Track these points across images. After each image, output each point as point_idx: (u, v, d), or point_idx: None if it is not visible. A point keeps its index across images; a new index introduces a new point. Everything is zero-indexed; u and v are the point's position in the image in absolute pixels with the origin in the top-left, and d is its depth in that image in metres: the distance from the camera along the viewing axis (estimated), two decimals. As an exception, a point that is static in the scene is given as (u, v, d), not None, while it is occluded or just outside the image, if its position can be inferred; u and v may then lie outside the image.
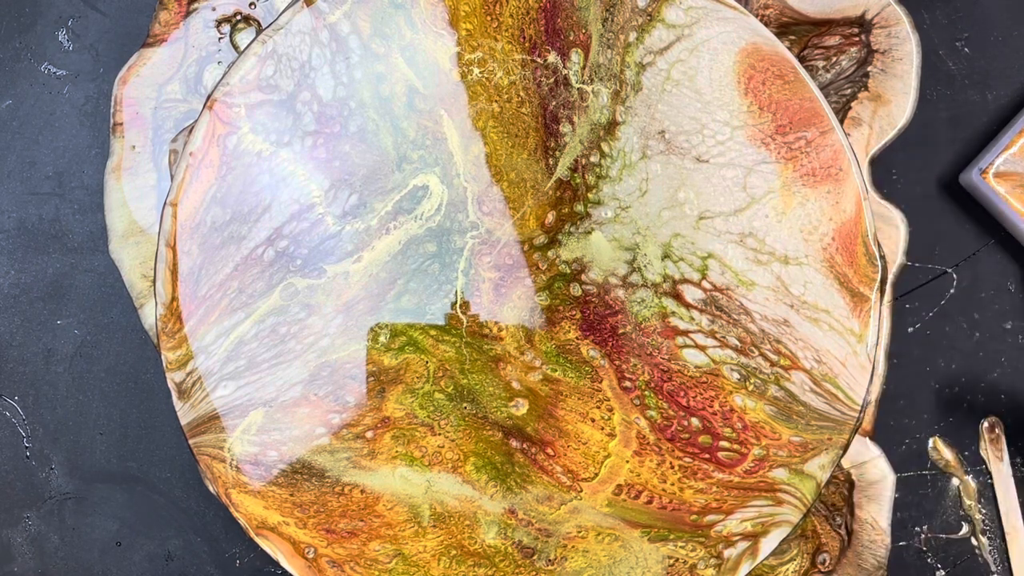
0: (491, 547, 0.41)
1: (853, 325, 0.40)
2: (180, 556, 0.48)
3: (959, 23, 0.47)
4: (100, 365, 0.48)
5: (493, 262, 0.41)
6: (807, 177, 0.40)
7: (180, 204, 0.40)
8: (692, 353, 0.41)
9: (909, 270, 0.47)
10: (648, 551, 0.40)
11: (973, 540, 0.46)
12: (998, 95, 0.47)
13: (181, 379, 0.40)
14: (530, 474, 0.41)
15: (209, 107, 0.40)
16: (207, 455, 0.40)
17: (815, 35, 0.44)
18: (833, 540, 0.44)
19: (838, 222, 0.40)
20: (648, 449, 0.41)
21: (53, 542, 0.48)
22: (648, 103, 0.40)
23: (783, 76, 0.39)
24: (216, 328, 0.40)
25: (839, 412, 0.40)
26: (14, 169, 0.48)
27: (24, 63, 0.48)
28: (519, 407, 0.41)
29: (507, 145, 0.41)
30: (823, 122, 0.39)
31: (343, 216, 0.40)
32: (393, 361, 0.41)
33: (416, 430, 0.41)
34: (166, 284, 0.40)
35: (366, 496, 0.41)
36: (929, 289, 0.47)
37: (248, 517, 0.40)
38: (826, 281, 0.40)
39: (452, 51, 0.40)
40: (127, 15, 0.48)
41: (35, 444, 0.48)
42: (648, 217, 0.41)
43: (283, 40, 0.40)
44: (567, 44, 0.40)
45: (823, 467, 0.40)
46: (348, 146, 0.40)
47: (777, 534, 0.40)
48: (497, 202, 0.41)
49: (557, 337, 0.41)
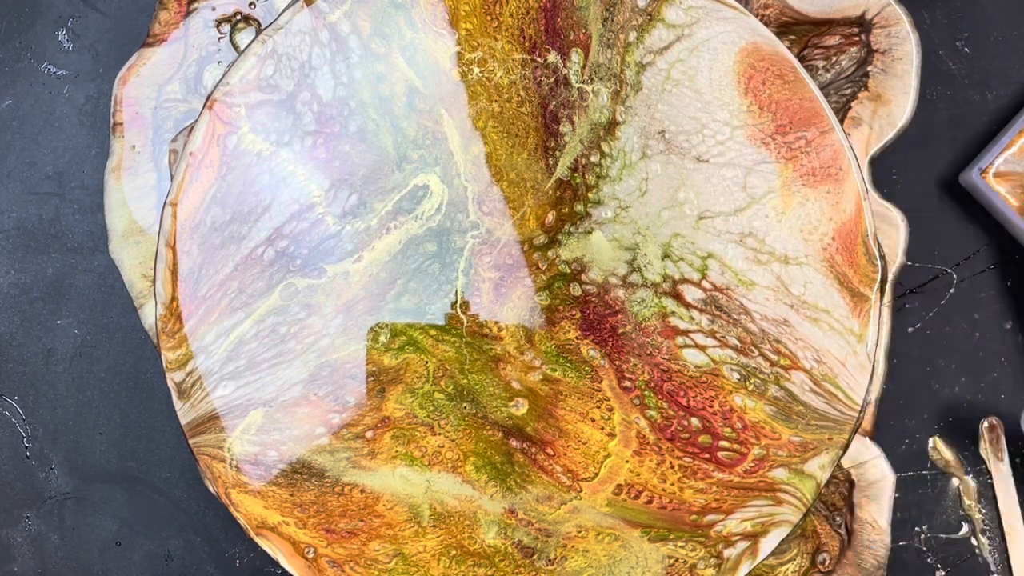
0: (491, 547, 0.41)
1: (853, 325, 0.40)
2: (180, 556, 0.48)
3: (959, 23, 0.47)
4: (100, 365, 0.48)
5: (493, 262, 0.41)
6: (807, 177, 0.40)
7: (180, 204, 0.40)
8: (692, 353, 0.41)
9: (909, 270, 0.47)
10: (648, 551, 0.40)
11: (973, 540, 0.46)
12: (998, 95, 0.47)
13: (181, 379, 0.40)
14: (530, 474, 0.41)
15: (209, 107, 0.40)
16: (207, 455, 0.40)
17: (815, 35, 0.44)
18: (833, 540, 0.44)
19: (838, 222, 0.40)
20: (648, 449, 0.41)
21: (53, 542, 0.48)
22: (648, 103, 0.40)
23: (783, 76, 0.39)
24: (216, 328, 0.40)
25: (839, 412, 0.40)
26: (14, 169, 0.48)
27: (24, 63, 0.48)
28: (519, 407, 0.41)
29: (507, 145, 0.41)
30: (823, 122, 0.39)
31: (343, 216, 0.40)
32: (393, 361, 0.41)
33: (416, 430, 0.41)
34: (166, 284, 0.40)
35: (366, 496, 0.41)
36: (929, 289, 0.47)
37: (248, 517, 0.40)
38: (826, 281, 0.40)
39: (452, 51, 0.40)
40: (127, 15, 0.48)
41: (35, 444, 0.48)
42: (648, 217, 0.41)
43: (283, 40, 0.40)
44: (567, 44, 0.40)
45: (823, 467, 0.40)
46: (348, 146, 0.40)
47: (777, 534, 0.40)
48: (497, 202, 0.41)
49: (557, 337, 0.41)
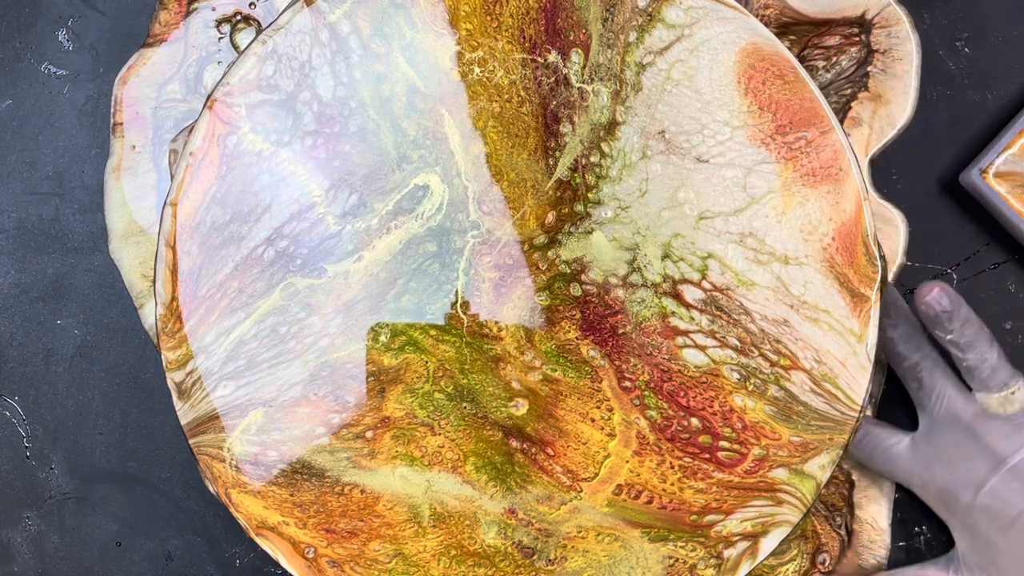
0: (491, 547, 0.41)
1: (853, 325, 0.40)
2: (180, 556, 0.48)
3: (959, 23, 0.47)
4: (100, 365, 0.48)
5: (493, 262, 0.41)
6: (807, 177, 0.40)
7: (180, 204, 0.40)
8: (692, 353, 0.41)
9: (909, 270, 0.47)
10: (648, 551, 0.40)
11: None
12: (998, 95, 0.47)
13: (181, 379, 0.40)
14: (530, 474, 0.41)
15: (209, 107, 0.40)
16: (207, 455, 0.40)
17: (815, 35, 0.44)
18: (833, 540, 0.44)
19: (838, 222, 0.40)
20: (648, 449, 0.41)
21: (53, 542, 0.48)
22: (648, 103, 0.40)
23: (783, 76, 0.39)
24: (216, 328, 0.40)
25: (839, 412, 0.40)
26: (14, 169, 0.48)
27: (24, 63, 0.48)
28: (519, 407, 0.41)
29: (507, 145, 0.41)
30: (823, 122, 0.39)
31: (343, 216, 0.40)
32: (393, 361, 0.41)
33: (416, 430, 0.41)
34: (166, 284, 0.40)
35: (366, 496, 0.41)
36: (929, 289, 0.47)
37: (248, 517, 0.40)
38: (826, 281, 0.40)
39: (453, 51, 0.40)
40: (127, 15, 0.48)
41: (35, 444, 0.48)
42: (648, 217, 0.41)
43: (283, 40, 0.40)
44: (567, 44, 0.40)
45: (823, 467, 0.40)
46: (348, 146, 0.40)
47: (777, 534, 0.40)
48: (497, 202, 0.41)
49: (557, 337, 0.41)
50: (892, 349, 0.42)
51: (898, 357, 0.42)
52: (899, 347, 0.42)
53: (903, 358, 0.42)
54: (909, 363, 0.42)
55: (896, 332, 0.42)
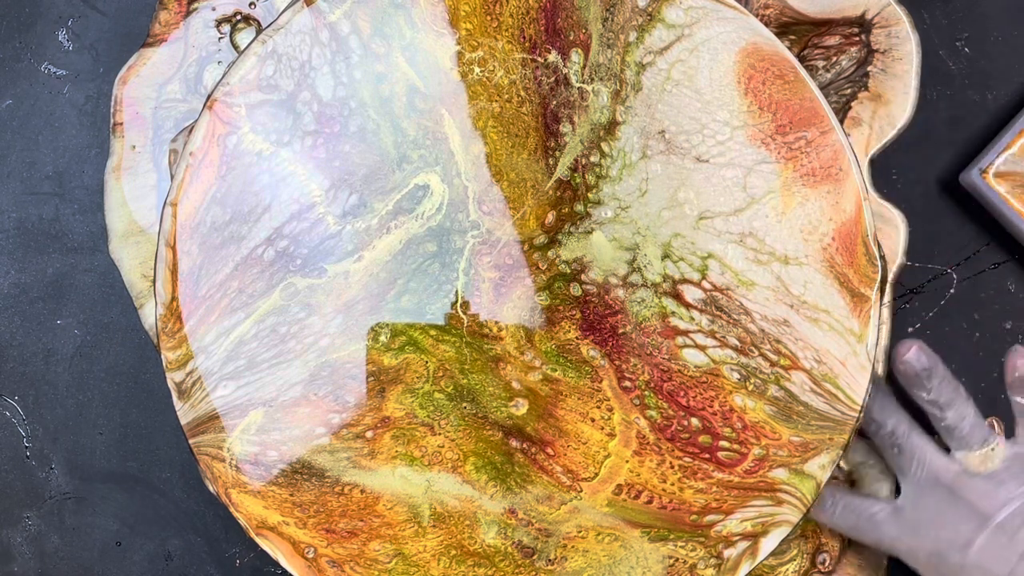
0: (491, 547, 0.41)
1: (853, 325, 0.40)
2: (180, 556, 0.48)
3: (959, 23, 0.47)
4: (100, 365, 0.48)
5: (493, 262, 0.41)
6: (807, 177, 0.40)
7: (180, 204, 0.40)
8: (692, 353, 0.41)
9: (909, 270, 0.47)
10: (648, 551, 0.40)
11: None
12: (998, 95, 0.47)
13: (181, 379, 0.40)
14: (530, 474, 0.41)
15: (209, 107, 0.40)
16: (207, 455, 0.40)
17: (815, 35, 0.44)
18: (833, 540, 0.44)
19: (838, 222, 0.40)
20: (648, 449, 0.41)
21: (53, 542, 0.48)
22: (648, 103, 0.40)
23: (783, 76, 0.39)
24: (216, 328, 0.40)
25: (839, 412, 0.40)
26: (14, 169, 0.48)
27: (24, 63, 0.48)
28: (519, 407, 0.41)
29: (507, 145, 0.41)
30: (823, 122, 0.39)
31: (343, 216, 0.40)
32: (393, 361, 0.41)
33: (416, 430, 0.41)
34: (166, 284, 0.40)
35: (366, 496, 0.41)
36: (929, 289, 0.47)
37: (248, 517, 0.40)
38: (826, 281, 0.40)
39: (452, 50, 0.40)
40: (127, 15, 0.48)
41: (35, 444, 0.48)
42: (648, 217, 0.41)
43: (283, 40, 0.40)
44: (567, 44, 0.40)
45: (823, 467, 0.40)
46: (348, 146, 0.40)
47: (777, 534, 0.40)
48: (497, 202, 0.41)
49: (557, 337, 0.41)
50: (867, 417, 0.42)
51: (873, 425, 0.42)
52: (874, 415, 0.41)
53: (879, 425, 0.41)
54: (885, 430, 0.41)
55: (870, 401, 0.41)
